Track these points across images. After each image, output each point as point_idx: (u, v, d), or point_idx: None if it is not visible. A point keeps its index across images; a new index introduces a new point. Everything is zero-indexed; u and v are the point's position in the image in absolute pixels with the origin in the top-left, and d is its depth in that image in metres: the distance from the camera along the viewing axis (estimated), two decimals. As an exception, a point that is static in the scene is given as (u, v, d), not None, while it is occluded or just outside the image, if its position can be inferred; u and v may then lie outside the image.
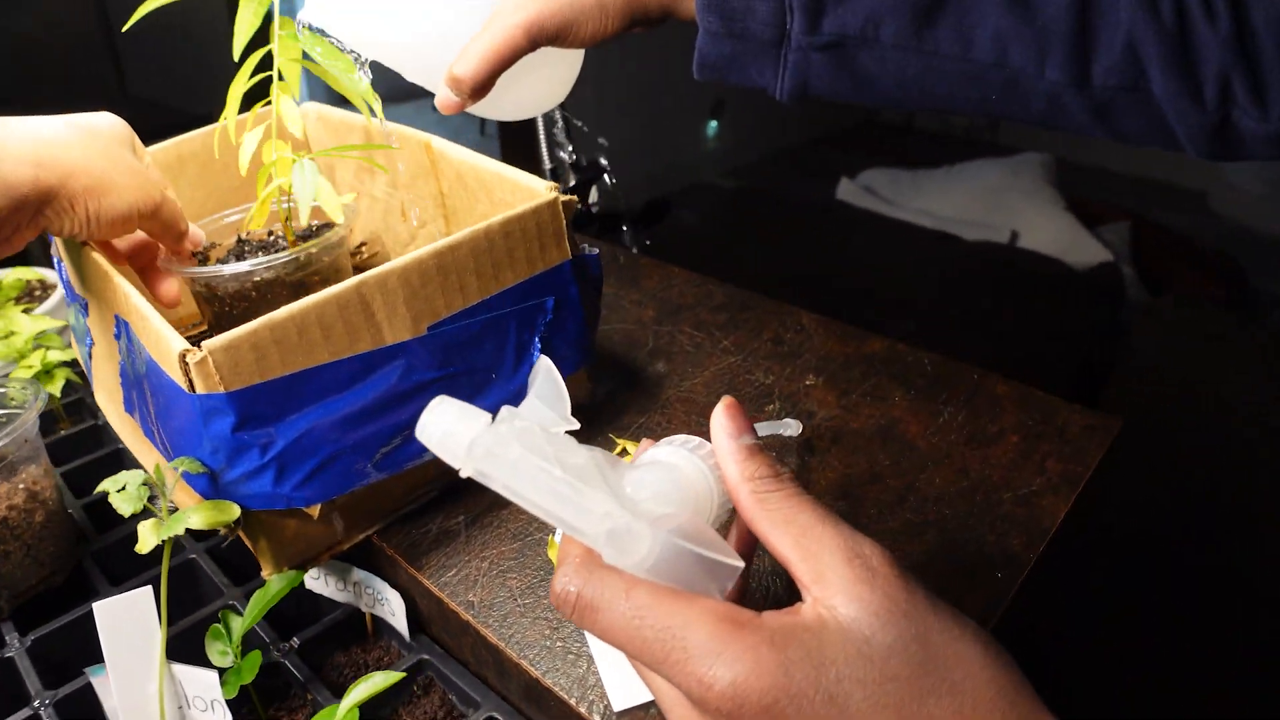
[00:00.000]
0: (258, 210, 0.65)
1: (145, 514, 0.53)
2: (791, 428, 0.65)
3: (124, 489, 0.51)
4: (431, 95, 0.62)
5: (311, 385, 0.52)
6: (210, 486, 0.54)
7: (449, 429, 0.33)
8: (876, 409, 0.68)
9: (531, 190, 0.61)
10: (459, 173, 0.69)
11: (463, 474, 0.32)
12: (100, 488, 0.52)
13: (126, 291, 0.56)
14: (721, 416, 0.37)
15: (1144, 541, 1.22)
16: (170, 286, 0.67)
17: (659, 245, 1.53)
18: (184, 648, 0.60)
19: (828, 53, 0.58)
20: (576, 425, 0.35)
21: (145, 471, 0.52)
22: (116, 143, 0.61)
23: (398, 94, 0.73)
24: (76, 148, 0.57)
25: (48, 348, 0.89)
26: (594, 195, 1.08)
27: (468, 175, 0.68)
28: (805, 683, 0.31)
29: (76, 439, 0.85)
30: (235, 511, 0.53)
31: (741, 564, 0.34)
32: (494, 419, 0.34)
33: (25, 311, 0.95)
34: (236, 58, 0.59)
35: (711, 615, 0.33)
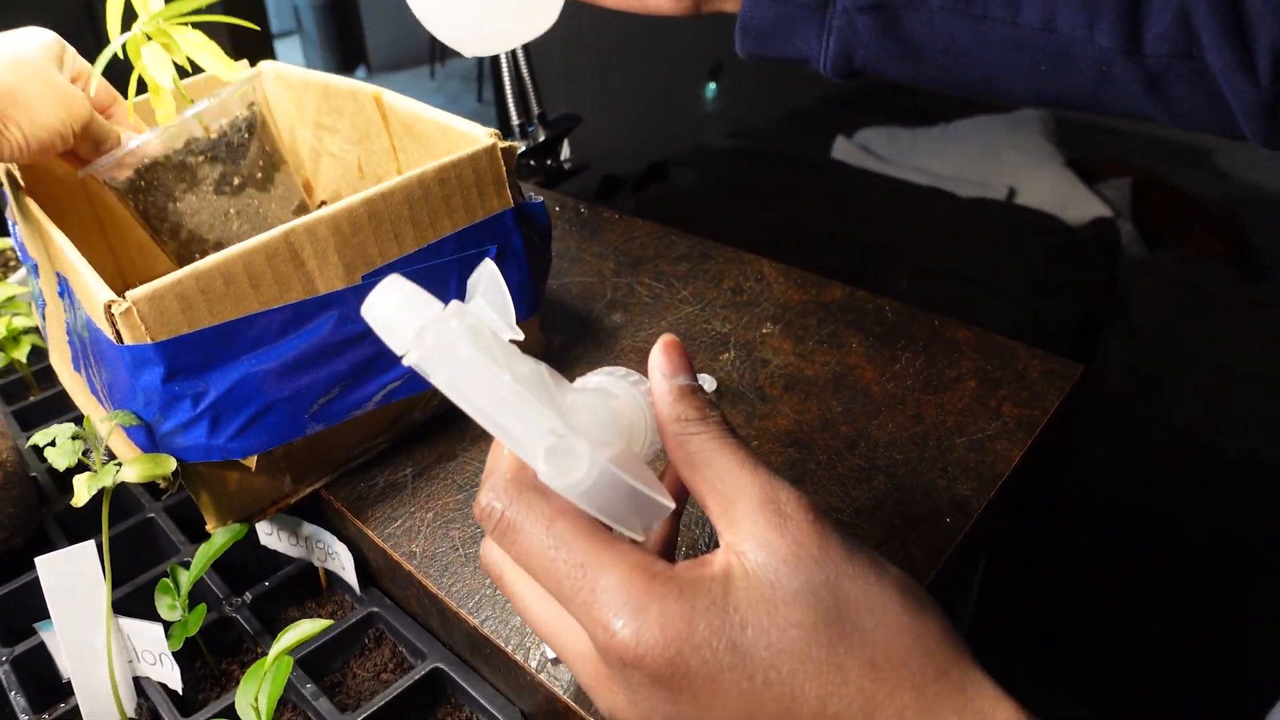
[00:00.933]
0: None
1: (82, 468, 0.53)
2: (706, 383, 0.64)
3: (54, 443, 0.51)
4: (421, 65, 0.61)
5: (242, 335, 0.51)
6: (149, 440, 0.53)
7: (396, 312, 0.32)
8: (832, 356, 0.67)
9: (472, 137, 0.60)
10: (407, 124, 0.68)
11: (405, 362, 0.31)
12: (31, 440, 0.52)
13: (62, 245, 0.56)
14: (658, 355, 0.36)
15: (1131, 501, 1.21)
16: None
17: (656, 207, 1.52)
18: (140, 604, 0.60)
19: (874, 15, 0.56)
20: (521, 335, 0.34)
21: (75, 425, 0.52)
22: (46, 61, 0.60)
23: (392, 63, 0.72)
24: (5, 70, 0.56)
25: (14, 314, 0.88)
26: (565, 151, 1.06)
27: (416, 126, 0.67)
28: (708, 632, 0.30)
29: (44, 405, 0.85)
30: (171, 464, 0.53)
31: (672, 505, 0.33)
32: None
33: (-10, 278, 0.94)
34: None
35: (625, 562, 0.32)
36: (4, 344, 0.87)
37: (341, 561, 0.60)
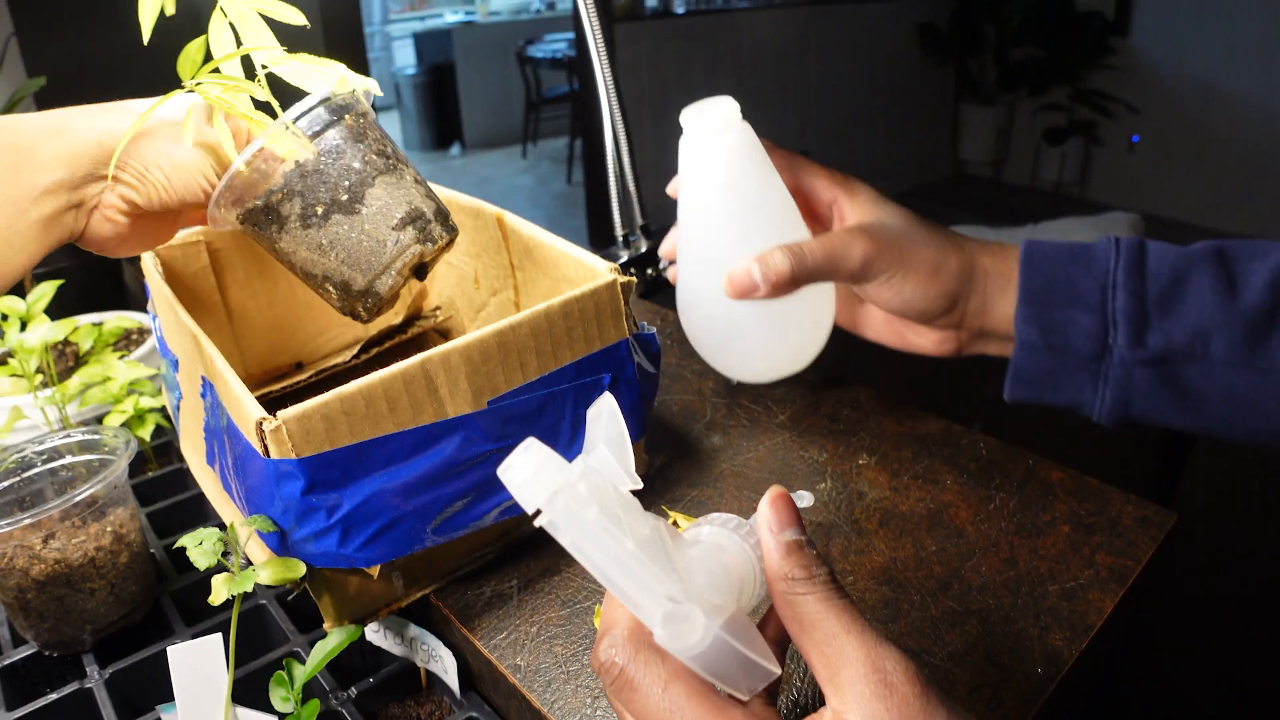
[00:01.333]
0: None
1: (219, 567, 0.57)
2: (804, 499, 0.66)
3: (201, 544, 0.55)
4: (514, 144, 0.68)
5: (377, 454, 0.55)
6: (280, 544, 0.57)
7: (533, 476, 0.34)
8: (927, 492, 0.69)
9: (592, 270, 0.64)
10: (527, 247, 0.72)
11: (536, 523, 0.33)
12: (180, 543, 0.56)
13: (211, 355, 0.60)
14: (766, 509, 0.38)
15: (1220, 613, 1.18)
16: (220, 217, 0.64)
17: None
18: (250, 689, 0.64)
19: (1152, 368, 0.59)
20: (639, 484, 0.36)
21: (219, 530, 0.56)
22: (189, 115, 0.59)
23: (487, 141, 0.79)
24: (150, 121, 0.58)
25: (141, 394, 0.94)
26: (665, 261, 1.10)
27: (535, 250, 0.71)
28: None
29: (162, 481, 0.90)
30: (302, 569, 0.56)
31: (778, 671, 0.36)
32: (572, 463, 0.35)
33: (121, 357, 1.01)
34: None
35: None
36: (129, 423, 0.93)
37: (444, 665, 0.63)
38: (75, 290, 1.54)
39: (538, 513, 0.34)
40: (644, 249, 1.05)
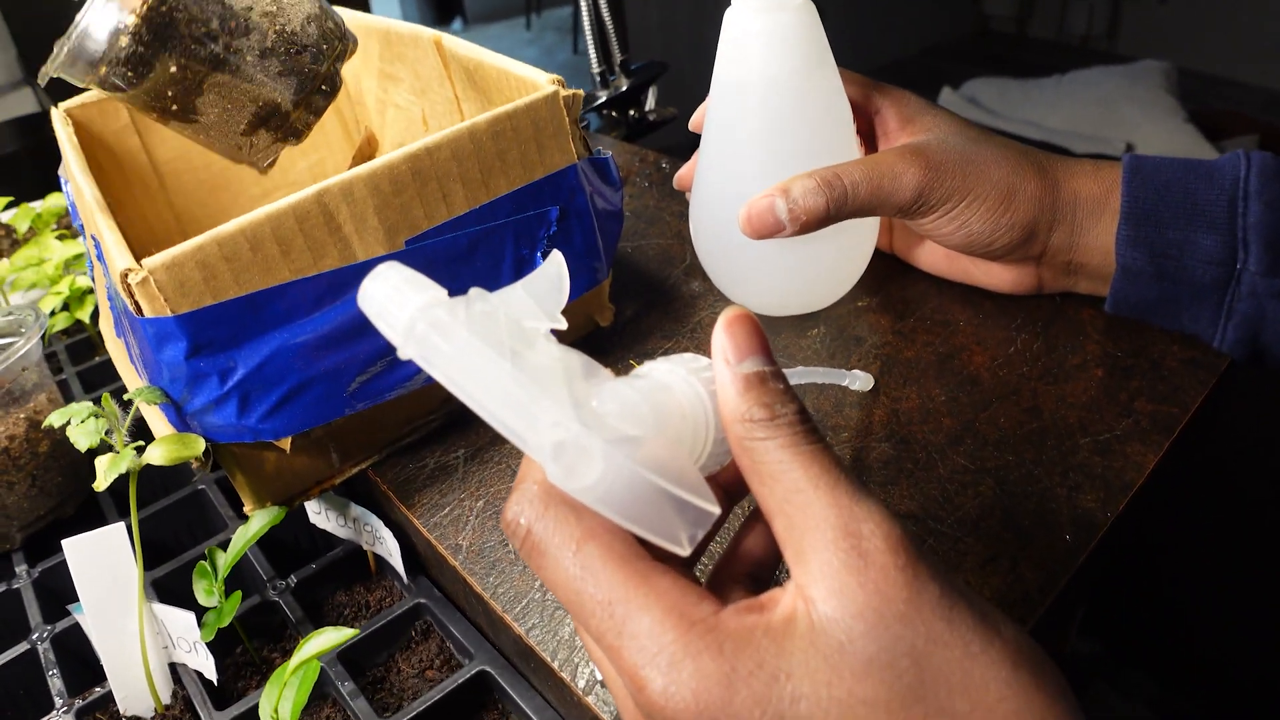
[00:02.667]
0: None
1: (105, 447, 0.49)
2: (860, 380, 0.56)
3: (71, 421, 0.47)
4: (517, 15, 0.56)
5: (272, 307, 0.46)
6: (178, 417, 0.49)
7: (390, 298, 0.27)
8: (936, 335, 0.59)
9: (533, 84, 0.53)
10: (468, 71, 0.62)
11: (400, 355, 0.27)
12: (46, 421, 0.48)
13: (93, 205, 0.52)
14: (722, 335, 0.29)
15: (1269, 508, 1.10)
16: None
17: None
18: (185, 581, 0.57)
19: None
20: (561, 324, 0.29)
21: (93, 404, 0.48)
22: None
23: (488, 13, 0.67)
24: None
25: (79, 273, 0.86)
26: (651, 101, 0.99)
27: (476, 74, 0.61)
28: (750, 700, 0.24)
29: (109, 366, 0.83)
30: (200, 445, 0.48)
31: (717, 510, 0.27)
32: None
33: (60, 238, 0.93)
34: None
35: (660, 602, 0.26)
36: (69, 303, 0.85)
37: (389, 548, 0.56)
38: (24, 175, 1.45)
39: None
40: (624, 87, 0.94)
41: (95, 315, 0.85)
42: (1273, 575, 1.04)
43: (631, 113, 0.96)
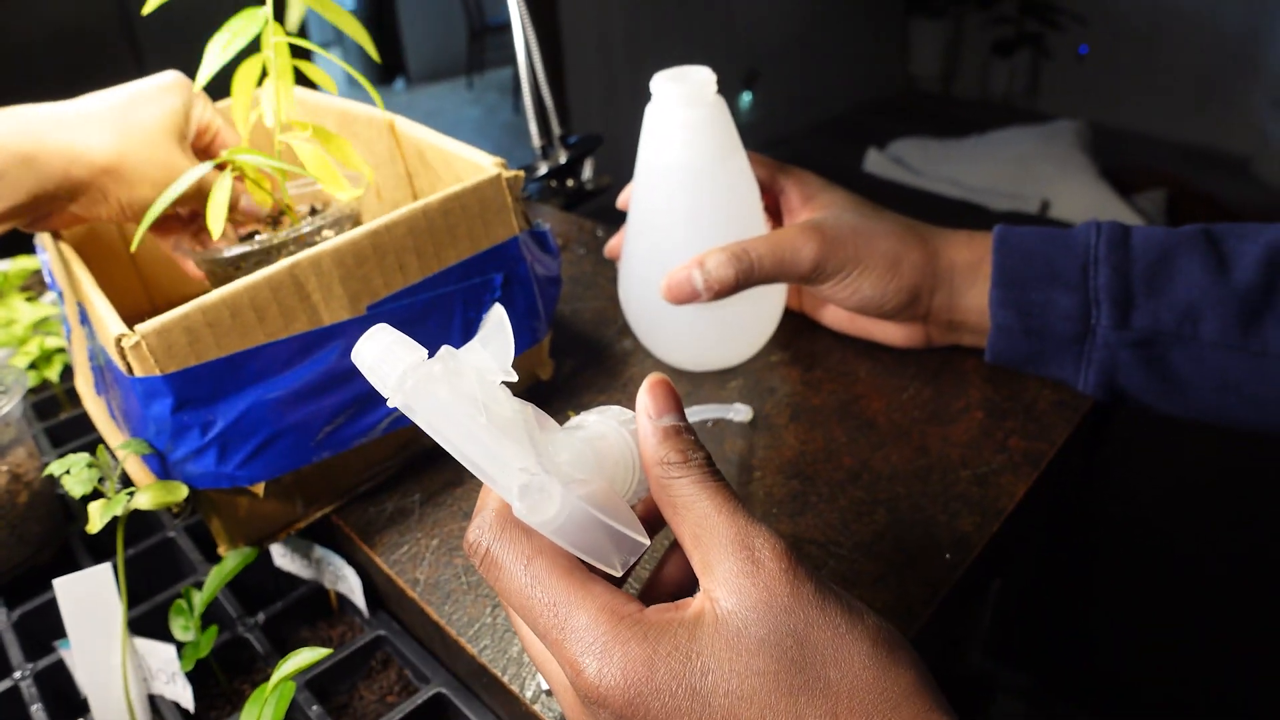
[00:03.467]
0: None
1: (97, 495, 0.54)
2: (741, 413, 0.64)
3: (70, 471, 0.52)
4: (459, 76, 0.63)
5: (248, 366, 0.52)
6: (161, 466, 0.55)
7: (382, 357, 0.33)
8: (839, 384, 0.67)
9: (478, 166, 0.61)
10: (419, 150, 0.69)
11: (389, 404, 0.33)
12: (47, 470, 0.53)
13: (80, 277, 0.57)
14: (644, 395, 0.37)
15: (1159, 521, 1.19)
16: (190, 266, 0.67)
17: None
18: (159, 622, 0.62)
19: (1137, 350, 0.56)
20: (514, 377, 0.35)
21: (90, 455, 0.53)
22: (162, 125, 0.60)
23: (431, 73, 0.73)
24: (113, 135, 0.58)
25: (47, 334, 0.90)
26: (588, 171, 1.07)
27: (428, 154, 0.68)
28: (669, 676, 0.31)
29: (75, 422, 0.87)
30: (182, 491, 0.54)
31: (647, 541, 0.34)
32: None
33: (28, 300, 0.97)
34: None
35: (595, 603, 0.33)
36: (37, 363, 0.89)
37: (351, 585, 0.61)
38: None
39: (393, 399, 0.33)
40: (562, 160, 1.01)
41: (63, 374, 0.90)
42: (1180, 600, 1.13)
43: (569, 182, 1.04)
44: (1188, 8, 3.91)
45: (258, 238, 0.62)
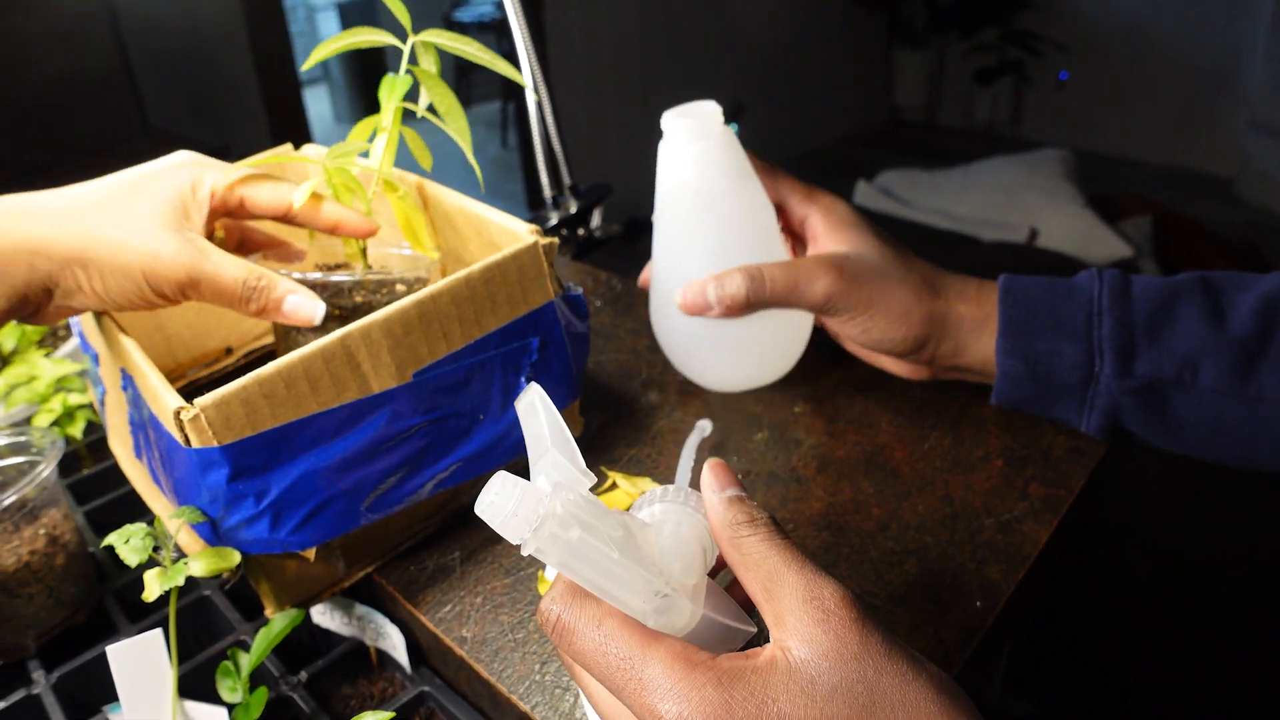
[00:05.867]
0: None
1: (152, 562, 0.56)
2: (704, 430, 0.67)
3: (129, 541, 0.54)
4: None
5: (301, 435, 0.54)
6: (212, 533, 0.56)
7: (514, 510, 0.35)
8: (863, 435, 0.69)
9: (514, 234, 0.63)
10: (449, 214, 0.71)
11: (524, 552, 0.35)
12: (106, 541, 0.55)
13: (128, 347, 0.59)
14: (707, 475, 0.40)
15: (1167, 554, 1.22)
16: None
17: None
18: (198, 682, 0.63)
19: (1138, 396, 0.59)
20: (594, 480, 0.38)
21: (147, 525, 0.55)
22: (154, 209, 0.58)
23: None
24: (83, 224, 0.56)
25: (68, 390, 0.92)
26: (597, 219, 1.10)
27: (457, 217, 0.70)
28: (746, 718, 0.33)
29: (98, 479, 0.88)
30: (235, 558, 0.55)
31: (754, 629, 0.38)
32: (535, 482, 0.37)
33: (46, 355, 0.98)
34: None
35: (668, 653, 0.35)
36: (60, 420, 0.90)
37: (394, 642, 0.63)
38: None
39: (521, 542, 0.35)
40: (573, 210, 1.04)
41: (86, 430, 0.91)
42: (1188, 632, 1.15)
43: (580, 232, 1.06)
44: (1166, 31, 3.99)
45: (334, 277, 0.64)
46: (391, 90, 0.63)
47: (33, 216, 0.56)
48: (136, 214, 0.58)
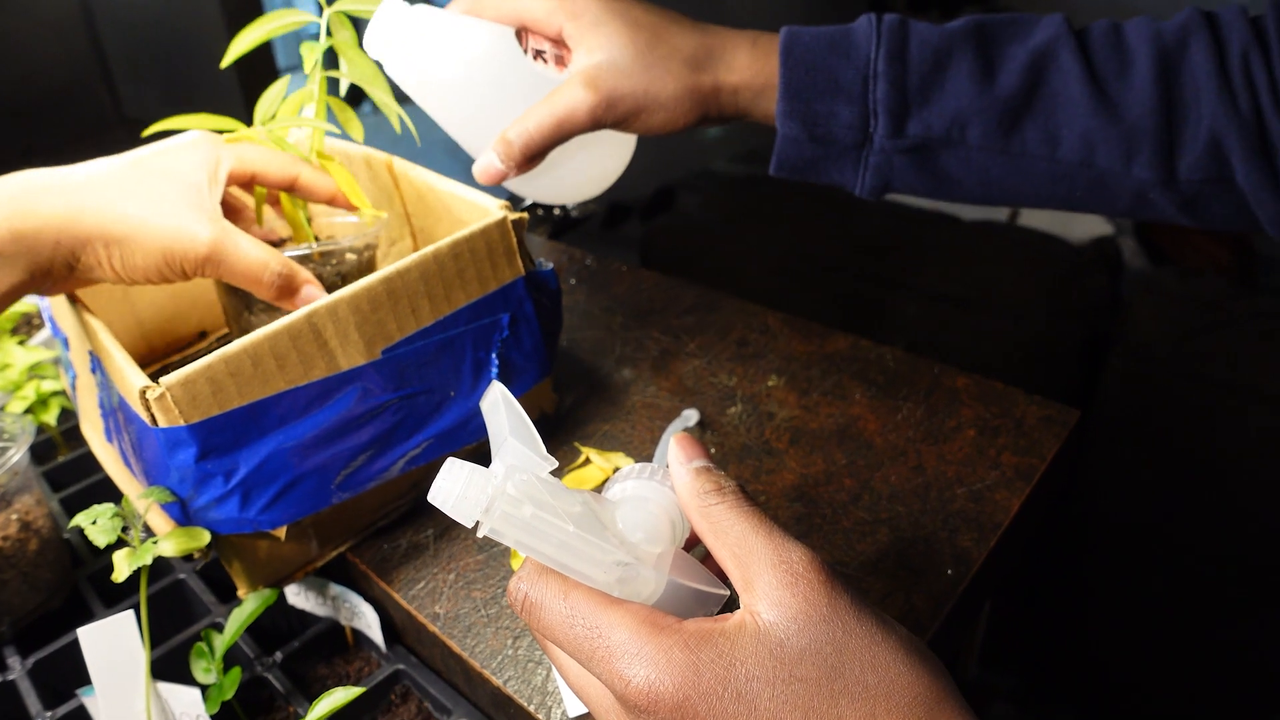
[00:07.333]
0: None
1: (121, 543, 0.55)
2: (690, 418, 0.67)
3: (96, 522, 0.53)
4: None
5: (269, 414, 0.53)
6: (182, 513, 0.56)
7: (463, 492, 0.35)
8: (836, 407, 0.69)
9: (484, 209, 0.62)
10: (419, 192, 0.70)
11: (479, 534, 0.35)
12: (73, 522, 0.54)
13: (95, 328, 0.58)
14: (674, 448, 0.40)
15: (1138, 520, 1.23)
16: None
17: (663, 235, 1.54)
18: (173, 665, 0.63)
19: (910, 155, 0.60)
20: (555, 464, 0.38)
21: (115, 505, 0.54)
22: (173, 187, 0.59)
23: (399, 94, 0.74)
24: (109, 199, 0.56)
25: (42, 378, 0.91)
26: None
27: (427, 195, 0.70)
28: (714, 681, 0.33)
29: (73, 465, 0.88)
30: (205, 537, 0.55)
31: (726, 593, 0.38)
32: (491, 468, 0.37)
33: (20, 343, 0.97)
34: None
35: (634, 618, 0.35)
36: (34, 408, 0.90)
37: (368, 621, 0.63)
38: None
39: (477, 525, 0.35)
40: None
41: (61, 417, 0.90)
42: (1163, 597, 1.16)
43: (556, 211, 1.05)
44: (1145, 10, 3.99)
45: (288, 251, 0.63)
46: (309, 55, 0.64)
47: (60, 193, 0.56)
48: (159, 193, 0.58)
